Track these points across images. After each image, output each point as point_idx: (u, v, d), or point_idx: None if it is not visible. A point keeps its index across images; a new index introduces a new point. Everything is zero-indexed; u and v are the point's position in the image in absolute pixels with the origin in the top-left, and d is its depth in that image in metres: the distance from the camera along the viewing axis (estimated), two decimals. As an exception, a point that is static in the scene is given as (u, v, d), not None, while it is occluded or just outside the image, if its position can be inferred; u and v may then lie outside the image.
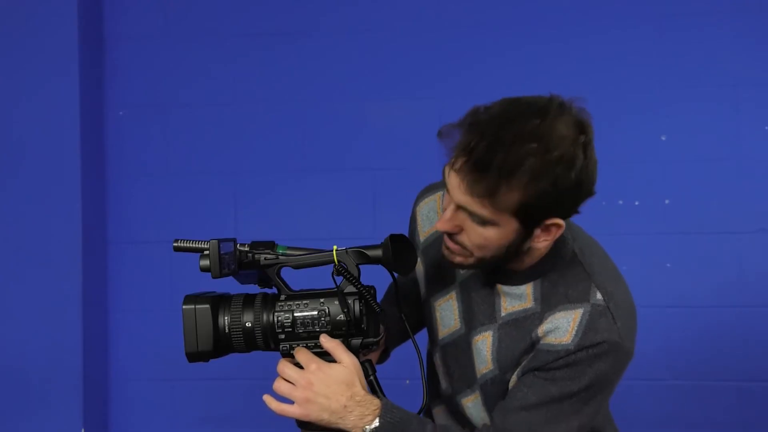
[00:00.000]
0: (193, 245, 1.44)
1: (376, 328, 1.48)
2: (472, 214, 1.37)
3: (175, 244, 1.45)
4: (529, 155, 1.28)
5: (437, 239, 1.63)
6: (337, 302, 1.44)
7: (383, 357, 1.71)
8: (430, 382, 1.71)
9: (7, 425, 2.92)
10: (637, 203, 2.87)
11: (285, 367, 1.45)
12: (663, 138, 2.87)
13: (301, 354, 1.45)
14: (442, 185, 1.64)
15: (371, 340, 1.47)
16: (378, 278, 1.75)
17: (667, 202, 2.86)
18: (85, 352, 2.93)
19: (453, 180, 1.35)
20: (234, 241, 1.46)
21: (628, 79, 2.87)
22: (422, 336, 1.73)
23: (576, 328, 1.42)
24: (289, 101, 3.03)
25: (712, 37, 2.85)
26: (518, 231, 1.38)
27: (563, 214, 1.38)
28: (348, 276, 1.43)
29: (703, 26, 2.85)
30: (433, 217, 1.65)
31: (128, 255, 3.08)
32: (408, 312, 1.66)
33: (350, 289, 1.44)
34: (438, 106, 2.95)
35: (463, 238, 1.41)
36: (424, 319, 1.71)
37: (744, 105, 2.84)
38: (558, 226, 1.38)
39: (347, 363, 1.43)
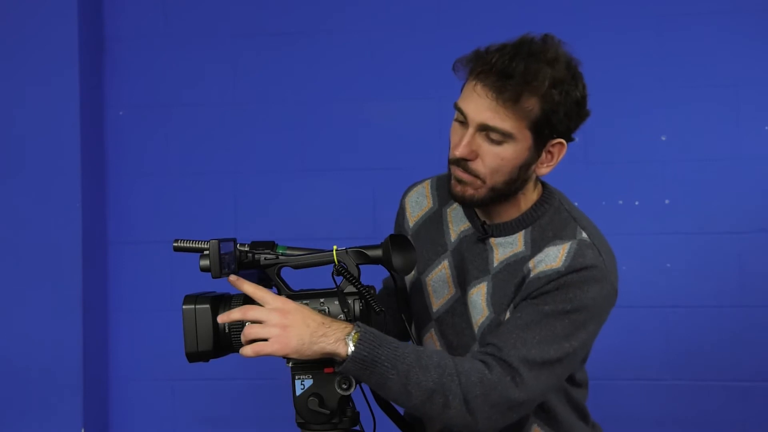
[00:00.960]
0: (193, 245, 1.44)
1: (376, 328, 1.48)
2: (492, 131, 1.49)
3: (175, 244, 1.46)
4: (545, 66, 1.46)
5: (427, 219, 1.71)
6: (337, 302, 1.45)
7: None
8: None
9: (7, 425, 2.92)
10: (637, 203, 2.87)
11: (248, 310, 1.41)
12: (663, 138, 2.87)
13: (245, 285, 1.42)
14: (427, 178, 1.78)
15: (371, 339, 1.47)
16: (378, 278, 1.75)
17: (667, 202, 2.86)
18: (85, 352, 2.93)
19: (479, 91, 1.49)
20: (234, 241, 1.46)
21: (628, 79, 2.87)
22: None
23: (565, 255, 1.51)
24: (289, 101, 3.03)
25: (712, 37, 2.85)
26: (530, 149, 1.51)
27: (566, 133, 1.53)
28: (348, 276, 1.44)
29: (703, 26, 2.85)
30: (422, 201, 1.73)
31: (128, 255, 3.08)
32: (397, 316, 1.67)
33: (350, 289, 1.45)
34: (438, 106, 2.95)
35: (478, 165, 1.51)
36: (412, 304, 1.72)
37: (744, 105, 2.84)
38: (561, 145, 1.54)
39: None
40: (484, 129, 1.49)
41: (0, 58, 2.95)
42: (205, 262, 1.40)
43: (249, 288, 1.42)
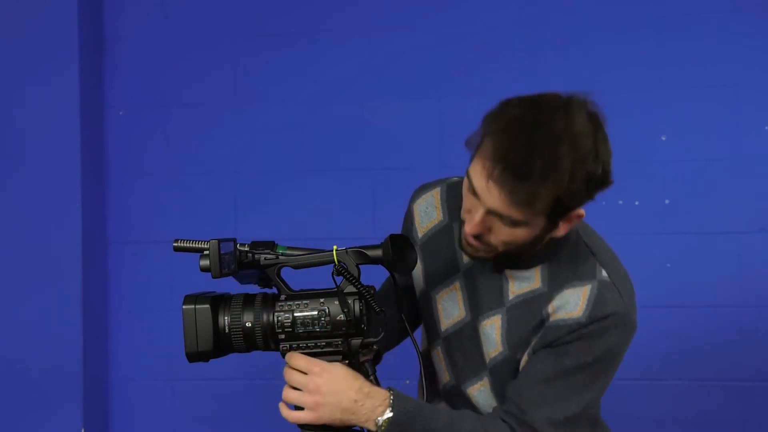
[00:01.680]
0: (193, 245, 1.44)
1: (376, 329, 1.48)
2: (503, 218, 1.39)
3: (175, 244, 1.46)
4: (564, 156, 1.33)
5: (437, 233, 1.66)
6: (337, 302, 1.44)
7: (375, 360, 1.71)
8: (428, 380, 1.71)
9: (7, 425, 2.92)
10: (637, 203, 2.87)
11: (291, 374, 1.46)
12: (663, 138, 2.87)
13: (298, 359, 1.45)
14: (437, 183, 1.70)
15: (371, 340, 1.47)
16: (378, 278, 1.75)
17: (667, 202, 2.86)
18: (85, 352, 2.93)
19: (491, 188, 1.36)
20: (234, 241, 1.46)
21: (628, 79, 2.87)
22: (417, 333, 1.73)
23: (586, 302, 1.46)
24: (289, 101, 3.03)
25: (712, 37, 2.85)
26: (545, 227, 1.43)
27: (587, 203, 1.45)
28: (348, 276, 1.43)
29: (703, 26, 2.85)
30: (431, 212, 1.67)
31: (128, 255, 3.08)
32: (396, 314, 1.67)
33: (350, 289, 1.44)
34: (438, 106, 2.95)
35: (490, 237, 1.45)
36: (420, 315, 1.71)
37: (744, 105, 2.84)
38: (579, 216, 1.45)
39: (338, 364, 1.45)
40: (495, 213, 1.41)
41: (0, 58, 2.95)
42: (205, 262, 1.40)
43: (301, 362, 1.45)
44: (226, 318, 1.46)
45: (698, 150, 2.85)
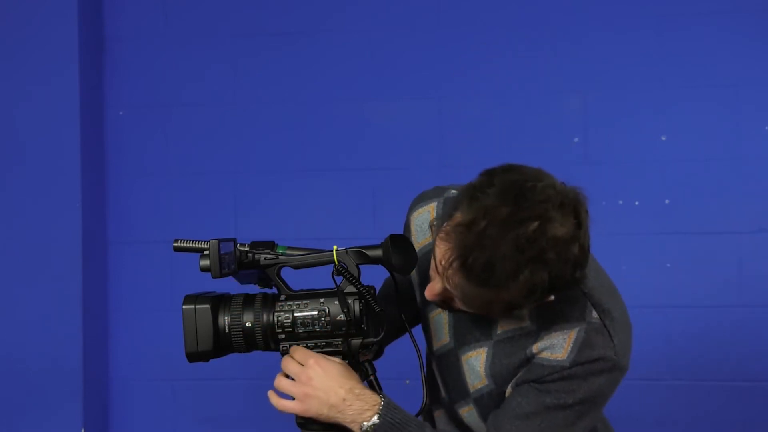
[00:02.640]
0: (193, 245, 1.44)
1: (376, 328, 1.48)
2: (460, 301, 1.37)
3: (175, 244, 1.46)
4: (525, 267, 1.26)
5: (428, 253, 1.60)
6: (337, 302, 1.44)
7: (377, 355, 1.71)
8: (432, 385, 1.71)
9: (7, 425, 2.92)
10: (637, 203, 2.87)
11: (288, 363, 1.46)
12: (663, 138, 2.87)
13: (299, 351, 1.45)
14: (435, 195, 1.64)
15: (371, 340, 1.47)
16: (378, 278, 1.75)
17: (667, 202, 2.86)
18: (85, 352, 2.93)
19: (449, 278, 1.32)
20: (234, 241, 1.46)
21: (628, 79, 2.87)
22: (419, 334, 1.73)
23: (572, 346, 1.42)
24: (289, 101, 3.03)
25: (712, 37, 2.85)
26: (506, 312, 1.39)
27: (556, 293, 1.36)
28: (348, 276, 1.43)
29: (703, 26, 2.85)
30: (425, 229, 1.63)
31: (128, 255, 3.08)
32: (396, 313, 1.66)
33: (350, 289, 1.44)
34: (438, 106, 2.95)
35: (451, 303, 1.42)
36: (422, 326, 1.71)
37: (744, 105, 2.84)
38: (548, 301, 1.37)
39: (339, 361, 1.45)
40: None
41: (0, 58, 2.95)
42: (205, 262, 1.40)
43: (300, 353, 1.45)
44: (226, 318, 1.46)
45: (698, 150, 2.85)
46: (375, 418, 1.42)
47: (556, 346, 1.43)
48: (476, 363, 1.54)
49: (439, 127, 2.95)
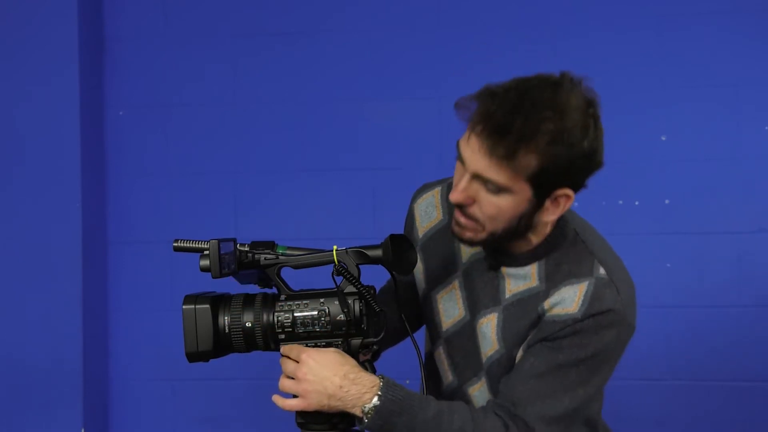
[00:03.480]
0: (193, 245, 1.44)
1: (377, 329, 1.48)
2: (487, 182, 1.40)
3: (175, 244, 1.46)
4: (546, 120, 1.34)
5: (437, 233, 1.65)
6: (337, 302, 1.44)
7: (373, 357, 1.71)
8: (431, 382, 1.71)
9: (7, 425, 2.92)
10: (637, 203, 2.87)
11: (285, 363, 1.46)
12: (663, 138, 2.87)
13: (292, 349, 1.46)
14: (437, 183, 1.70)
15: (371, 340, 1.47)
16: (377, 278, 1.75)
17: (667, 202, 2.86)
18: (85, 352, 2.93)
19: (472, 144, 1.40)
20: (234, 241, 1.46)
21: (628, 79, 2.87)
22: (419, 334, 1.73)
23: (582, 298, 1.45)
24: (289, 101, 3.03)
25: (712, 37, 2.85)
26: (530, 200, 1.42)
27: (574, 184, 1.43)
28: (348, 276, 1.44)
29: (703, 26, 2.85)
30: (431, 212, 1.67)
31: (128, 255, 3.08)
32: (395, 313, 1.66)
33: (350, 289, 1.45)
34: (438, 106, 2.95)
35: (476, 210, 1.44)
36: (423, 317, 1.71)
37: (744, 105, 2.84)
38: (567, 197, 1.43)
39: (333, 349, 1.45)
40: (479, 178, 1.41)
41: (0, 58, 2.95)
42: (205, 262, 1.40)
43: (293, 351, 1.46)
44: (226, 318, 1.46)
45: (698, 150, 2.85)
46: (375, 400, 1.42)
47: (567, 300, 1.46)
48: (488, 329, 1.56)
49: (439, 127, 2.95)
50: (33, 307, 2.92)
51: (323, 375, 1.42)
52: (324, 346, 1.46)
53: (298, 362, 1.44)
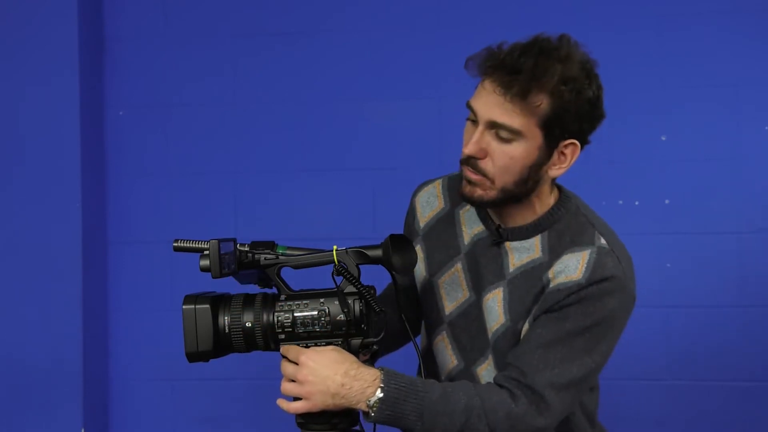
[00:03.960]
0: (193, 245, 1.44)
1: (377, 329, 1.48)
2: (500, 129, 1.47)
3: (175, 244, 1.46)
4: (555, 63, 1.44)
5: (439, 220, 1.69)
6: (337, 302, 1.44)
7: (372, 359, 1.71)
8: (434, 371, 1.71)
9: (7, 425, 2.92)
10: (637, 203, 2.87)
11: (286, 366, 1.47)
12: (663, 138, 2.87)
13: (291, 350, 1.46)
14: (438, 177, 1.75)
15: (371, 340, 1.47)
16: (378, 278, 1.75)
17: (667, 202, 2.86)
18: (85, 352, 2.93)
19: (487, 88, 1.47)
20: (234, 241, 1.46)
21: (628, 79, 2.87)
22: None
23: (585, 265, 1.49)
24: (289, 101, 3.03)
25: (712, 37, 2.85)
26: (540, 148, 1.48)
27: (580, 133, 1.51)
28: (348, 276, 1.44)
29: (703, 26, 2.85)
30: (433, 201, 1.71)
31: (128, 255, 3.08)
32: (395, 314, 1.67)
33: (350, 289, 1.45)
34: (438, 106, 2.95)
35: (487, 164, 1.50)
36: (422, 308, 1.72)
37: (744, 105, 2.84)
38: (574, 146, 1.50)
39: (331, 348, 1.45)
40: (493, 126, 1.47)
41: (0, 58, 2.95)
42: (205, 262, 1.40)
43: (292, 353, 1.46)
44: (226, 318, 1.46)
45: (698, 150, 2.85)
46: (378, 392, 1.43)
47: (570, 268, 1.50)
48: (494, 304, 1.58)
49: (439, 127, 2.95)
50: (33, 307, 2.92)
51: (324, 375, 1.42)
52: (324, 346, 1.46)
53: (297, 364, 1.45)
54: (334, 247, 1.46)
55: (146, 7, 3.08)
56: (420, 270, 1.70)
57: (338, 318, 1.44)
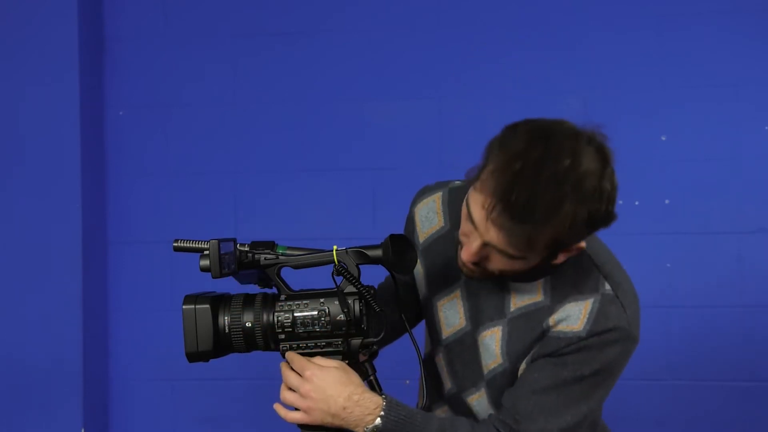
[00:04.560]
0: (193, 245, 1.44)
1: (377, 329, 1.48)
2: (500, 251, 1.37)
3: (175, 244, 1.45)
4: (565, 199, 1.29)
5: (438, 239, 1.64)
6: (337, 302, 1.44)
7: (372, 356, 1.71)
8: (432, 384, 1.71)
9: (7, 425, 2.92)
10: (637, 203, 2.87)
11: (288, 375, 1.47)
12: (663, 138, 2.87)
13: (295, 360, 1.46)
14: (438, 187, 1.67)
15: (371, 340, 1.47)
16: (378, 278, 1.75)
17: (667, 202, 2.86)
18: (85, 352, 2.93)
19: (490, 227, 1.34)
20: (234, 241, 1.46)
21: (628, 79, 2.87)
22: (419, 334, 1.73)
23: (587, 316, 1.44)
24: (289, 101, 3.03)
25: (712, 37, 2.85)
26: (544, 258, 1.40)
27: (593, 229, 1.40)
28: (348, 276, 1.43)
29: (703, 26, 2.85)
30: (432, 217, 1.65)
31: (128, 255, 3.08)
32: (394, 312, 1.66)
33: (350, 289, 1.44)
34: (438, 106, 2.95)
35: (487, 264, 1.42)
36: (425, 320, 1.71)
37: (744, 105, 2.84)
38: (580, 247, 1.41)
39: (336, 364, 1.45)
40: (492, 246, 1.38)
41: (0, 58, 2.95)
42: (205, 262, 1.40)
43: (297, 363, 1.46)
44: (226, 318, 1.46)
45: (698, 150, 2.85)
46: (377, 421, 1.43)
47: (572, 317, 1.45)
48: (491, 342, 1.55)
49: (439, 127, 2.95)
50: (33, 307, 2.92)
51: (327, 394, 1.43)
52: (324, 346, 1.46)
53: (301, 375, 1.45)
54: (334, 247, 1.46)
55: (146, 7, 3.08)
56: (420, 284, 1.68)
57: (338, 318, 1.44)
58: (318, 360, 1.46)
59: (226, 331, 1.46)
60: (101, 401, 3.05)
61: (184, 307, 1.46)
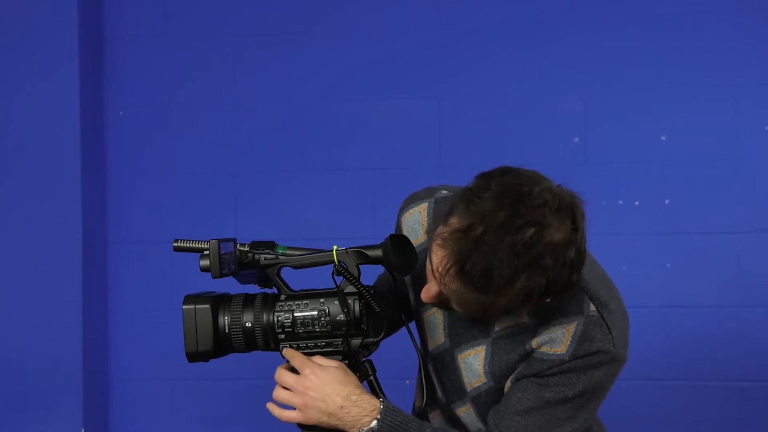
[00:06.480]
0: (193, 245, 1.44)
1: (377, 329, 1.48)
2: (457, 305, 1.36)
3: (175, 244, 1.46)
4: (522, 272, 1.26)
5: (422, 251, 1.59)
6: (337, 302, 1.44)
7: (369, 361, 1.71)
8: (428, 385, 1.70)
9: (7, 425, 2.92)
10: (637, 203, 2.87)
11: (282, 375, 1.47)
12: (663, 138, 2.87)
13: (294, 358, 1.46)
14: (426, 196, 1.63)
15: (371, 340, 1.47)
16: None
17: (667, 202, 2.86)
18: (85, 352, 2.93)
19: (446, 283, 1.32)
20: (234, 241, 1.46)
21: (628, 79, 2.87)
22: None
23: (570, 339, 1.42)
24: (289, 101, 3.03)
25: (712, 37, 2.85)
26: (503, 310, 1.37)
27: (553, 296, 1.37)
28: (348, 276, 1.43)
29: (703, 26, 2.85)
30: (417, 229, 1.62)
31: (128, 255, 3.08)
32: (393, 309, 1.65)
33: (350, 289, 1.44)
34: (438, 106, 2.95)
35: (449, 303, 1.40)
36: (416, 327, 1.70)
37: (744, 105, 2.84)
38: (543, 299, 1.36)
39: (336, 364, 1.45)
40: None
41: (0, 58, 2.95)
42: (205, 262, 1.40)
43: (296, 360, 1.46)
44: (226, 318, 1.46)
45: (698, 150, 2.85)
46: (373, 423, 1.43)
47: (556, 341, 1.43)
48: (474, 361, 1.54)
49: (439, 127, 2.95)
50: (33, 306, 2.92)
51: (325, 392, 1.42)
52: (324, 346, 1.46)
53: (298, 373, 1.45)
54: (334, 247, 1.46)
55: (146, 7, 3.08)
56: (410, 292, 1.67)
57: (338, 318, 1.44)
58: (318, 359, 1.46)
59: (226, 331, 1.46)
60: (101, 401, 3.05)
61: (184, 307, 1.46)
